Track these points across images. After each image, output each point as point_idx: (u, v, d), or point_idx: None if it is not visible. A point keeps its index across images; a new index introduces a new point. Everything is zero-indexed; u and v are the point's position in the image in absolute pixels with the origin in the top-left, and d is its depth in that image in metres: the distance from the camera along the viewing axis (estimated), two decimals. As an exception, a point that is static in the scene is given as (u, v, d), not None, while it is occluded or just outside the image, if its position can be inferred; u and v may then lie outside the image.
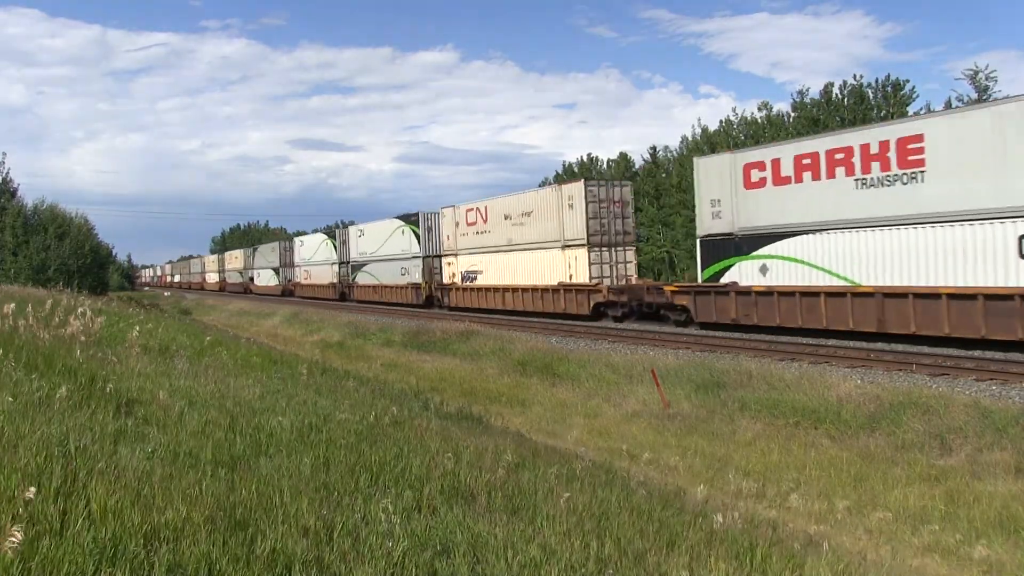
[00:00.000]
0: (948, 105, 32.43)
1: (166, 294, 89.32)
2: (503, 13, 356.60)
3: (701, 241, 22.10)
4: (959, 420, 10.90)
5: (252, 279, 72.37)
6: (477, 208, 33.39)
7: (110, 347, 10.46)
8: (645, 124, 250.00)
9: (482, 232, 32.92)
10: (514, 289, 30.58)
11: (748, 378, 14.43)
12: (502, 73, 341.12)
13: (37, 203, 47.37)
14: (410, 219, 39.16)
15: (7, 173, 46.38)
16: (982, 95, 30.47)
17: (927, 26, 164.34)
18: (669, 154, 49.12)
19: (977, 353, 15.13)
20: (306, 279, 56.31)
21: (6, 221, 43.66)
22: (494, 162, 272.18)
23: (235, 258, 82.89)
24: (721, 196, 21.22)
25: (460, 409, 12.34)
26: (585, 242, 26.57)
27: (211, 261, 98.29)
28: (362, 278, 45.58)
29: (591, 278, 26.55)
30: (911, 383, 12.98)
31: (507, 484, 5.94)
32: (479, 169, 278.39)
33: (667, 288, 23.65)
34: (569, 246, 27.38)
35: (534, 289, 29.30)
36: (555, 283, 28.04)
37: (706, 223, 21.76)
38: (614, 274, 27.09)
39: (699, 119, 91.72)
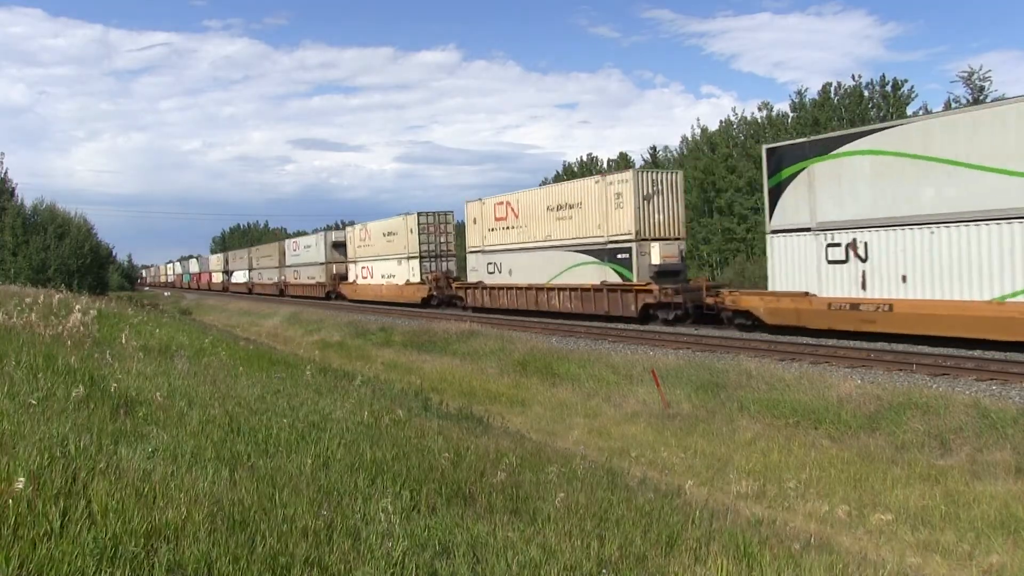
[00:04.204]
0: (947, 106, 32.45)
1: (166, 294, 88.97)
2: (505, 13, 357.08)
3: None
4: (959, 420, 10.90)
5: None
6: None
7: (109, 347, 10.45)
8: (647, 124, 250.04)
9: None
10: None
11: (748, 378, 14.42)
12: (504, 73, 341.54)
13: (36, 203, 47.46)
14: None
15: (5, 172, 46.47)
16: (977, 96, 30.47)
17: (928, 26, 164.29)
18: (669, 154, 49.16)
19: (977, 353, 15.12)
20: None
21: (5, 221, 43.70)
22: (495, 162, 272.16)
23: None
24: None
25: (460, 409, 12.34)
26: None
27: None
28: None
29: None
30: (911, 383, 12.97)
31: (507, 484, 5.93)
32: (480, 169, 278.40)
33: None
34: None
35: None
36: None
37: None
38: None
39: (698, 119, 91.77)
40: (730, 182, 40.71)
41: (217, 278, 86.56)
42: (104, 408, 6.25)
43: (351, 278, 46.60)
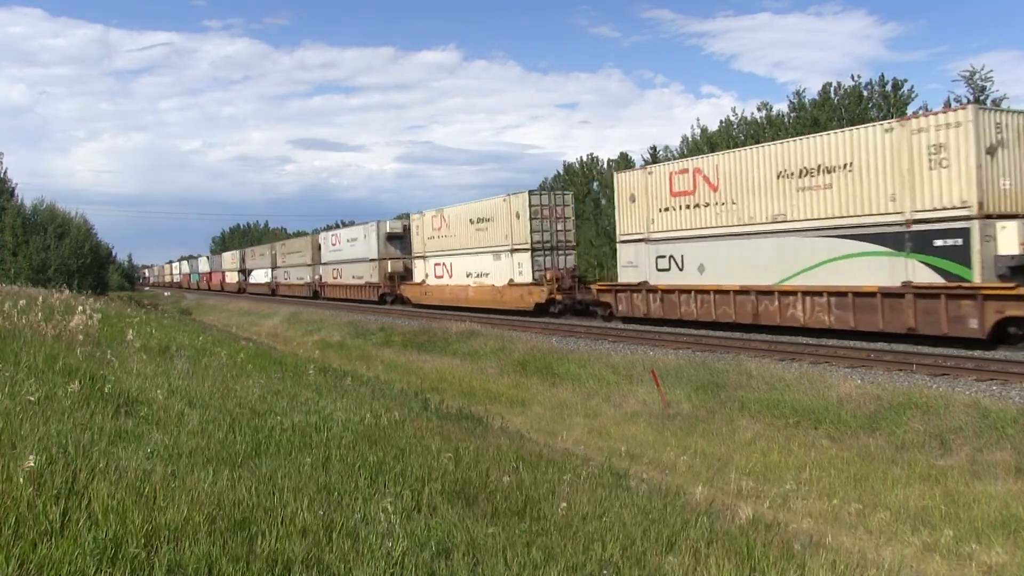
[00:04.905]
0: (947, 105, 32.44)
1: (166, 294, 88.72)
2: (505, 13, 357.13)
3: None
4: (959, 420, 10.90)
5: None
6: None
7: (110, 347, 10.46)
8: (647, 124, 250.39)
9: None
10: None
11: (748, 378, 14.42)
12: (504, 73, 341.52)
13: (36, 203, 47.49)
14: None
15: (5, 172, 46.53)
16: (979, 96, 30.44)
17: (929, 26, 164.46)
18: (669, 154, 49.14)
19: (977, 353, 15.12)
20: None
21: (5, 221, 43.74)
22: (495, 162, 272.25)
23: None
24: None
25: (460, 409, 12.33)
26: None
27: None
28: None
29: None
30: (911, 383, 12.97)
31: (507, 484, 5.93)
32: (480, 169, 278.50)
33: None
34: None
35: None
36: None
37: None
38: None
39: (698, 119, 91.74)
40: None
41: (232, 278, 77.86)
42: (105, 408, 6.25)
43: (417, 277, 37.38)
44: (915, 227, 16.24)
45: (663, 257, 22.82)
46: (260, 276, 66.58)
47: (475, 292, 31.93)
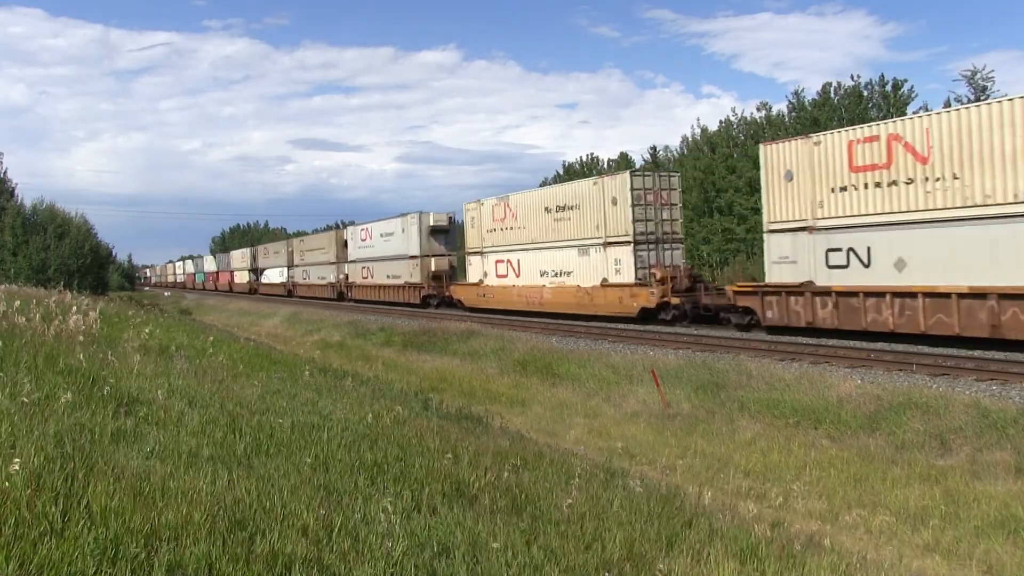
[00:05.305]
0: (947, 105, 32.46)
1: (166, 294, 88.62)
2: (505, 13, 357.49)
3: None
4: (959, 420, 10.90)
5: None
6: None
7: (110, 347, 10.45)
8: (647, 124, 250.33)
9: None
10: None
11: (748, 378, 14.42)
12: (504, 73, 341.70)
13: (36, 203, 47.49)
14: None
15: (5, 172, 46.54)
16: (979, 96, 30.44)
17: (929, 26, 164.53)
18: (670, 154, 49.15)
19: (977, 353, 15.12)
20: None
21: (5, 221, 43.75)
22: (495, 162, 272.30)
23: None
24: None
25: (460, 409, 12.33)
26: None
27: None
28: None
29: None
30: (911, 383, 12.97)
31: (507, 484, 5.93)
32: (480, 169, 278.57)
33: None
34: None
35: None
36: None
37: None
38: None
39: (698, 119, 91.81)
40: (730, 182, 40.73)
41: (241, 277, 72.54)
42: (104, 408, 6.24)
43: (472, 276, 32.40)
44: None
45: (837, 251, 17.71)
46: (274, 276, 61.81)
47: (553, 294, 26.81)
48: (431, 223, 36.49)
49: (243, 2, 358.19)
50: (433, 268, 35.89)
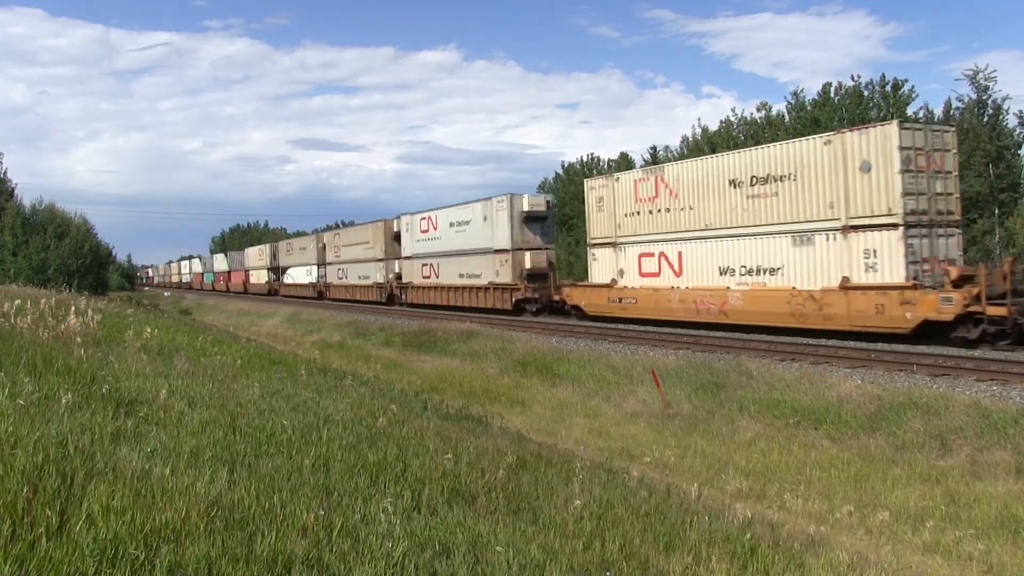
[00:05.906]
0: (948, 105, 32.44)
1: (166, 294, 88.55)
2: (505, 13, 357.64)
3: None
4: (959, 420, 10.90)
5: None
6: None
7: (110, 347, 10.45)
8: (647, 124, 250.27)
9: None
10: None
11: (748, 378, 14.42)
12: (504, 73, 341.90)
13: (36, 203, 47.45)
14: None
15: (5, 172, 46.51)
16: (982, 95, 30.44)
17: (929, 26, 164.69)
18: (670, 154, 49.15)
19: (978, 353, 15.12)
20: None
21: (5, 221, 43.72)
22: (495, 162, 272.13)
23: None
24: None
25: (460, 409, 12.33)
26: None
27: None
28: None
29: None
30: (911, 383, 12.97)
31: (507, 484, 5.93)
32: (480, 169, 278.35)
33: None
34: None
35: None
36: None
37: None
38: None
39: (699, 119, 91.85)
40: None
41: (258, 277, 65.08)
42: (104, 408, 6.24)
43: (600, 276, 25.19)
44: None
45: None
46: (300, 275, 54.26)
47: (747, 300, 19.81)
48: (525, 208, 28.86)
49: (243, 2, 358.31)
50: (528, 265, 28.29)
